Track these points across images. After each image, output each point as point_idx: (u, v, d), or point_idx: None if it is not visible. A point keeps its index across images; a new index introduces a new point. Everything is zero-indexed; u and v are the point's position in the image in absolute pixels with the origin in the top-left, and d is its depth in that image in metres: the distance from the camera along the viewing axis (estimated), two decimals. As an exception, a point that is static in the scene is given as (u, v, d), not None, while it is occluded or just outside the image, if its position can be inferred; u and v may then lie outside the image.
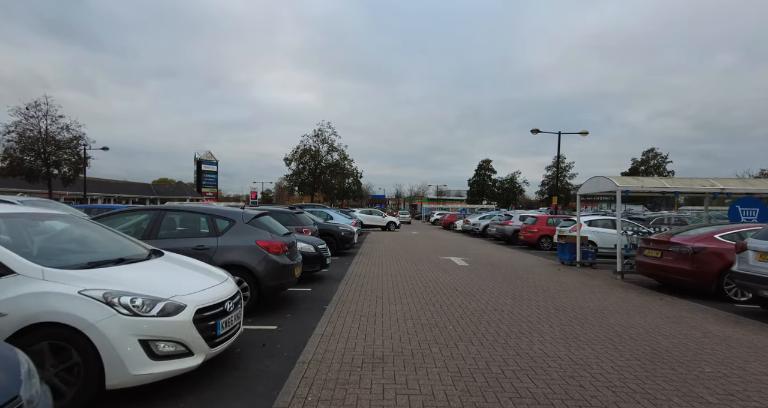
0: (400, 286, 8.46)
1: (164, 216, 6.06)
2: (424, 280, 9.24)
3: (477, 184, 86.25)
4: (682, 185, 10.17)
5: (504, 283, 9.11)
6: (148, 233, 5.88)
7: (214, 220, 6.08)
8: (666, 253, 8.12)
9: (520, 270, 11.40)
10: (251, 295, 5.84)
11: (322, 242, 9.15)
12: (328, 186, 46.21)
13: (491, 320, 5.99)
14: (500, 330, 5.49)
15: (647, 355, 4.65)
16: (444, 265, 11.83)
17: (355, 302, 6.96)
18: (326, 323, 5.60)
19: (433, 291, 8.07)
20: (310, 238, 9.17)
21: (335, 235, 13.53)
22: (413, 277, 9.61)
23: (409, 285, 8.63)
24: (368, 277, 9.48)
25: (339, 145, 44.31)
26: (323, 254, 8.82)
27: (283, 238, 6.46)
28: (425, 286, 8.59)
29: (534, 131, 25.89)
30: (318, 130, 43.51)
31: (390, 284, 8.69)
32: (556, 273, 11.03)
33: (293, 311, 6.36)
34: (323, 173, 44.30)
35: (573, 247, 12.62)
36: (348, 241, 13.82)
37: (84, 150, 32.43)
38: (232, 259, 5.79)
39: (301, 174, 43.82)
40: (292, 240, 6.81)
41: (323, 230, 13.46)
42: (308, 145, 43.54)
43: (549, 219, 18.40)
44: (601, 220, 15.72)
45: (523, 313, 6.42)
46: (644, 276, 9.20)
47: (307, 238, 8.97)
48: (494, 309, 6.71)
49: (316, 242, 8.88)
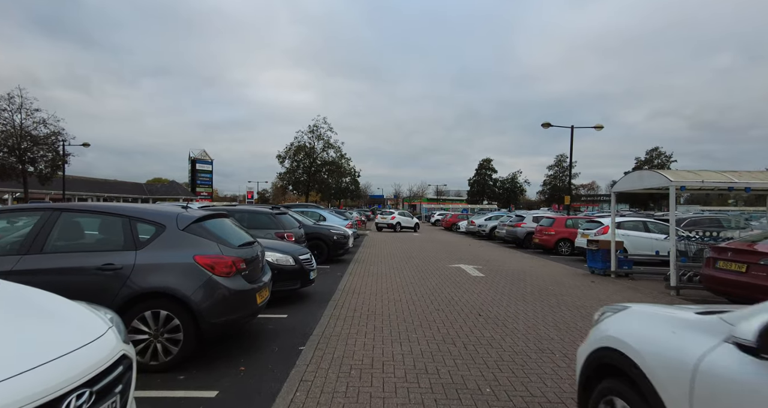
0: (405, 310, 6.50)
1: (59, 219, 4.07)
2: (436, 300, 7.28)
3: (477, 184, 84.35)
4: (755, 180, 8.22)
5: (536, 303, 7.17)
6: (29, 245, 3.89)
7: (133, 224, 4.10)
8: (755, 267, 6.19)
9: (548, 282, 9.46)
10: (185, 339, 3.88)
11: (305, 251, 7.19)
12: (324, 185, 44.12)
13: (544, 371, 4.04)
14: (563, 391, 3.54)
15: None
16: (455, 277, 9.88)
17: (344, 339, 5.00)
18: (297, 384, 3.64)
19: (450, 317, 6.12)
20: (289, 246, 7.19)
21: (326, 239, 11.57)
22: (421, 295, 7.66)
23: (417, 307, 6.68)
24: (364, 295, 7.53)
25: (335, 142, 42.21)
26: (306, 267, 6.87)
27: (240, 250, 4.49)
28: (438, 308, 6.64)
29: (545, 125, 24.01)
30: (313, 125, 41.40)
31: (392, 306, 6.73)
32: (592, 286, 9.10)
33: (252, 357, 4.39)
34: (318, 171, 42.19)
35: (606, 253, 10.69)
36: (341, 246, 11.87)
37: (63, 146, 30.38)
38: (155, 283, 3.83)
39: (295, 172, 41.71)
40: (254, 252, 4.85)
41: (312, 234, 11.50)
42: (302, 142, 41.40)
43: (567, 220, 16.46)
44: (631, 221, 13.78)
45: (584, 359, 4.47)
46: (713, 293, 7.26)
47: (285, 247, 7.00)
48: (539, 348, 4.77)
49: (296, 251, 6.92)
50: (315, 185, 43.25)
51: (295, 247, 7.19)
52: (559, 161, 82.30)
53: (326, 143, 41.77)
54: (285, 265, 6.54)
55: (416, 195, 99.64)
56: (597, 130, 24.22)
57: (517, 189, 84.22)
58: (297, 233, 9.49)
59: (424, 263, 12.24)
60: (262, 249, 5.35)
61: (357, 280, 9.07)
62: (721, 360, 1.62)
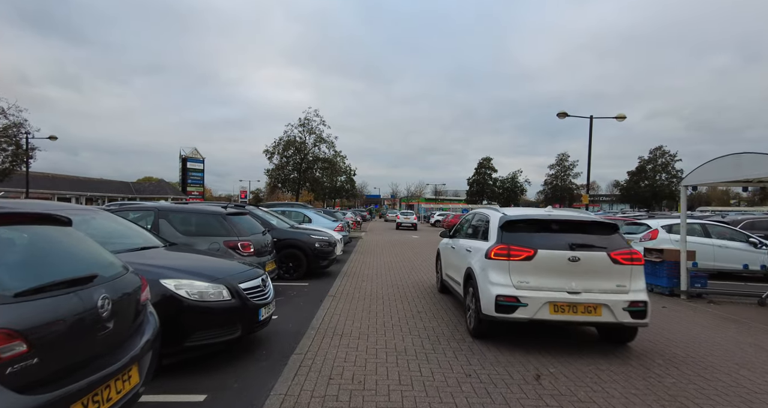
0: (415, 373, 3.86)
1: None
2: (457, 342, 4.64)
3: (477, 184, 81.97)
4: None
5: (615, 355, 4.55)
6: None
7: None
8: None
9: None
10: None
11: (253, 274, 4.51)
12: (316, 183, 41.20)
13: None
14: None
15: None
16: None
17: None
18: None
19: (486, 385, 3.48)
20: (221, 267, 4.42)
21: (305, 247, 8.87)
22: (432, 329, 5.02)
23: (432, 364, 4.04)
24: (349, 340, 4.87)
25: (328, 136, 39.19)
26: (252, 301, 4.20)
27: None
28: (467, 364, 4.00)
29: (561, 115, 21.40)
30: (304, 118, 38.34)
31: (394, 365, 4.09)
32: (671, 317, 6.50)
33: None
34: (310, 168, 39.24)
35: (672, 267, 8.11)
36: (325, 255, 9.17)
37: (26, 139, 27.53)
38: None
39: (284, 169, 38.75)
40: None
41: (286, 241, 8.82)
42: (293, 136, 38.43)
43: (598, 222, 13.83)
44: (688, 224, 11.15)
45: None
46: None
47: (212, 268, 4.29)
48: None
49: (235, 276, 4.23)
50: (306, 183, 40.35)
51: (235, 268, 4.48)
52: (561, 160, 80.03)
53: (318, 138, 38.79)
54: (209, 302, 3.88)
55: (414, 195, 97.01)
56: (619, 121, 21.68)
57: (518, 189, 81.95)
58: (258, 242, 6.81)
59: (431, 277, 9.60)
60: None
61: (342, 308, 6.42)
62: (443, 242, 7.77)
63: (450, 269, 6.85)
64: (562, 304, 4.50)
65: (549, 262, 4.61)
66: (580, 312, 4.50)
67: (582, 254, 4.59)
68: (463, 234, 6.66)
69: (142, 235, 4.98)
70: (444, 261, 7.50)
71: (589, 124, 21.82)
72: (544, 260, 4.61)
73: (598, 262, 4.60)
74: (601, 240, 4.78)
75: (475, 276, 5.06)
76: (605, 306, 4.47)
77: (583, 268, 4.57)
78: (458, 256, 6.29)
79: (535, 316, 4.50)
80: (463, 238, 6.46)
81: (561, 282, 4.57)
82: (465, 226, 6.90)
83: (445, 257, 7.39)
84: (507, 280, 4.65)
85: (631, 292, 4.57)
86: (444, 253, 7.56)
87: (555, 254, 4.61)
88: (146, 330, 2.68)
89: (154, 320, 2.92)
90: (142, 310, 2.69)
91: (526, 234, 4.89)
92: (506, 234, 4.94)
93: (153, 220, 6.47)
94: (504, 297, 4.57)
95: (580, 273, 4.57)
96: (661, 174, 72.02)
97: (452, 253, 6.79)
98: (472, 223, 6.50)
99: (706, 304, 7.46)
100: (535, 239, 4.78)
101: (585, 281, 4.57)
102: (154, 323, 2.89)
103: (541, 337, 5.15)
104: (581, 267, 4.57)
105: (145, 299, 2.78)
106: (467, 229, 6.63)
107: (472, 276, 5.18)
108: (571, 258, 4.57)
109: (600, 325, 4.85)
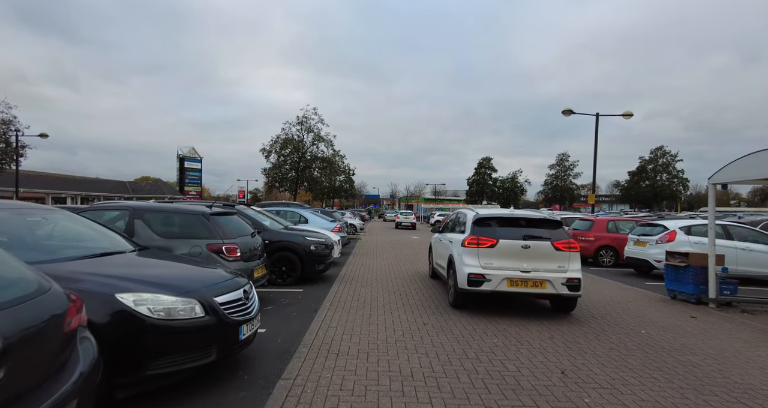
0: (424, 398, 3.21)
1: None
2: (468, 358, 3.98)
3: (477, 184, 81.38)
4: None
5: (654, 377, 3.89)
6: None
7: None
8: None
9: (630, 320, 6.19)
10: None
11: (235, 284, 3.82)
12: (314, 183, 40.39)
13: None
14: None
15: None
16: (487, 309, 6.57)
17: None
18: None
19: None
20: (195, 276, 3.72)
21: (298, 250, 8.19)
22: (443, 348, 4.36)
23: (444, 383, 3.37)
24: (346, 361, 4.20)
25: (327, 135, 38.36)
26: (231, 318, 3.53)
27: None
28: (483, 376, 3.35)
29: (567, 112, 20.77)
30: (302, 116, 37.47)
31: (400, 394, 3.42)
32: (701, 328, 5.84)
33: None
34: (308, 167, 38.44)
35: (699, 273, 7.45)
36: (321, 259, 8.49)
37: (16, 136, 26.78)
38: None
39: (281, 167, 37.94)
40: None
41: (279, 244, 8.13)
42: (290, 134, 37.60)
43: (609, 223, 13.20)
44: (705, 225, 10.50)
45: None
46: None
47: (183, 278, 3.61)
48: None
49: (210, 289, 3.55)
50: (304, 183, 39.54)
51: (211, 277, 3.79)
52: (561, 160, 79.40)
53: (316, 136, 37.99)
54: (178, 320, 3.20)
55: (413, 195, 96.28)
56: (625, 119, 21.05)
57: (518, 189, 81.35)
58: (247, 245, 6.12)
59: (436, 281, 8.93)
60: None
61: (339, 319, 5.75)
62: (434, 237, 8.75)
63: (438, 258, 8.25)
64: (516, 280, 5.94)
65: (507, 249, 6.06)
66: (530, 286, 5.94)
67: (532, 243, 6.05)
68: (448, 229, 8.11)
69: (107, 237, 4.30)
70: (434, 252, 8.91)
71: (595, 122, 21.24)
72: (504, 247, 6.07)
73: (544, 249, 6.04)
74: (547, 233, 6.20)
75: (454, 260, 6.54)
76: (548, 281, 5.90)
77: (533, 253, 6.02)
78: (444, 246, 7.71)
79: (496, 288, 5.95)
80: (448, 233, 7.88)
81: (516, 263, 6.01)
82: (450, 223, 8.42)
83: (435, 249, 8.82)
84: (476, 263, 6.09)
85: (569, 271, 5.98)
86: (434, 245, 9.01)
87: (512, 243, 6.07)
88: (74, 367, 2.00)
89: (91, 347, 2.25)
90: (68, 344, 2.01)
91: (491, 228, 6.34)
92: (477, 228, 6.40)
93: (128, 220, 5.78)
94: (474, 274, 6.00)
95: (530, 257, 6.02)
96: (662, 174, 71.44)
97: (440, 245, 8.20)
98: (454, 221, 8.05)
99: (739, 314, 6.80)
100: (498, 232, 6.24)
101: (534, 263, 6.00)
102: (92, 352, 2.22)
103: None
104: (531, 253, 6.02)
105: (75, 326, 2.10)
106: (451, 226, 8.05)
107: (452, 260, 6.64)
108: (523, 246, 6.04)
109: (545, 296, 6.38)
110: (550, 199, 79.60)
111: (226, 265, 5.27)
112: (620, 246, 12.48)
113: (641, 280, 10.43)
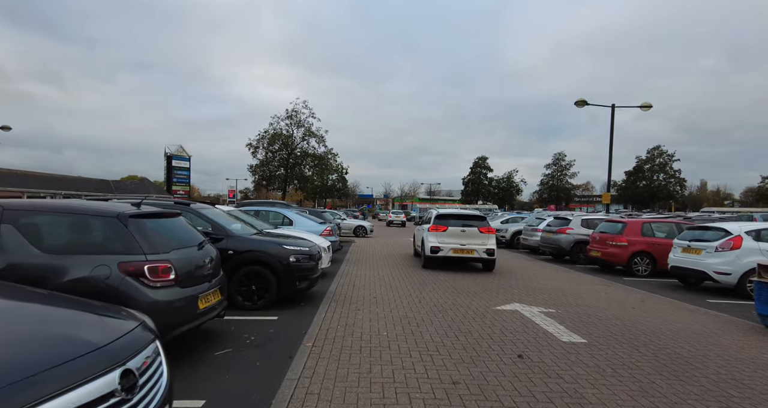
0: None
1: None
2: None
3: (472, 183, 79.75)
4: None
5: None
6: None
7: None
8: None
9: (736, 374, 4.31)
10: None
11: (109, 361, 1.82)
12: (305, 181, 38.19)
13: None
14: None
15: None
16: (529, 343, 4.65)
17: None
18: None
19: None
20: (28, 347, 1.53)
21: (273, 263, 6.14)
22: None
23: None
24: None
25: (318, 130, 36.18)
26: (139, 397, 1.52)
27: None
28: None
29: (580, 103, 18.99)
30: (292, 110, 35.24)
31: None
32: None
33: None
34: (298, 164, 36.23)
35: (805, 293, 5.65)
36: (304, 274, 6.45)
37: (-23, 130, 24.42)
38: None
39: (269, 164, 35.70)
40: None
41: (247, 255, 6.10)
42: (279, 129, 35.37)
43: (644, 225, 11.35)
44: (761, 229, 8.69)
45: None
46: None
47: None
48: None
49: (11, 397, 1.53)
50: (294, 181, 37.36)
51: (47, 351, 1.74)
52: (557, 160, 78.07)
53: (307, 131, 35.79)
54: None
55: (407, 195, 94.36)
56: (644, 110, 19.34)
57: (513, 189, 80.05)
58: (189, 261, 4.11)
59: (451, 306, 7.00)
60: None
61: (326, 374, 3.76)
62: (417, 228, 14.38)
63: (418, 241, 12.61)
64: (458, 249, 10.54)
65: (453, 231, 10.69)
66: (465, 253, 10.56)
67: (467, 229, 10.71)
68: (423, 222, 13.28)
69: None
70: (416, 238, 13.34)
71: (610, 115, 19.46)
72: (451, 231, 10.70)
73: (473, 232, 10.69)
74: (476, 223, 10.91)
75: (423, 239, 11.22)
76: (476, 250, 10.52)
77: (467, 234, 10.66)
78: (419, 232, 12.44)
79: (447, 254, 10.52)
80: (423, 224, 12.75)
81: (457, 240, 10.61)
82: (424, 217, 14.76)
83: (417, 235, 13.15)
84: (435, 240, 10.66)
85: (487, 245, 10.62)
86: (416, 233, 13.40)
87: (455, 229, 10.72)
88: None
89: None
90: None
91: (445, 220, 11.00)
92: (437, 220, 11.02)
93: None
94: (434, 246, 10.58)
95: (465, 236, 10.64)
96: (659, 174, 70.40)
97: (418, 232, 12.96)
98: (426, 216, 13.28)
99: None
100: (449, 222, 10.93)
101: (467, 240, 10.62)
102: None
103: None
104: (466, 234, 10.66)
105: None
106: (425, 219, 13.47)
107: (423, 239, 11.27)
108: (461, 230, 10.69)
109: (475, 260, 10.91)
110: (546, 199, 78.27)
111: (140, 299, 3.27)
112: (658, 252, 10.67)
113: (694, 294, 8.61)
